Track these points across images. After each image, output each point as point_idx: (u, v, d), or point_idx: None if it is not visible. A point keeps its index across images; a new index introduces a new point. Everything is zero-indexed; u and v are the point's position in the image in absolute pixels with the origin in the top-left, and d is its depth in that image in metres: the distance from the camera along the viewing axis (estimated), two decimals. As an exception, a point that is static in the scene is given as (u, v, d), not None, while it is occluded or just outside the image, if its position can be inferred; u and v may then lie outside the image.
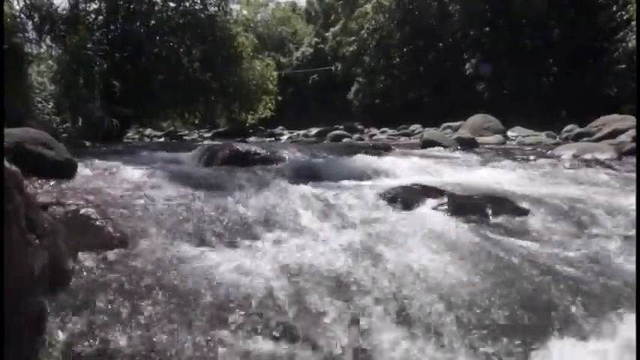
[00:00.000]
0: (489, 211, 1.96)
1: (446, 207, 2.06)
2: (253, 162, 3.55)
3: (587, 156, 4.05)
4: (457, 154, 4.60)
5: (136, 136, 17.94)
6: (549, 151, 4.71)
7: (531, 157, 4.08)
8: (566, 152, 4.38)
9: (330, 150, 4.83)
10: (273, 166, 3.47)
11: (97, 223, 1.72)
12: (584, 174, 2.89)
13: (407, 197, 2.16)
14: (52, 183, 2.21)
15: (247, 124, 18.59)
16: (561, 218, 2.01)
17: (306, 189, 2.38)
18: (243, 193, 2.35)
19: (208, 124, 22.97)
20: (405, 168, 3.11)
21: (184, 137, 20.56)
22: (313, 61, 37.50)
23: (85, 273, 1.42)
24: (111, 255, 1.52)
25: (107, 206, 1.97)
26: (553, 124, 17.43)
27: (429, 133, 6.11)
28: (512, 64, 20.55)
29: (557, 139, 8.00)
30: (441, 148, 5.49)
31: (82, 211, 1.78)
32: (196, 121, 20.37)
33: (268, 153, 3.70)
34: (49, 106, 7.32)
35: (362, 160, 3.41)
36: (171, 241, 1.78)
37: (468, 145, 6.15)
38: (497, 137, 7.36)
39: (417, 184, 2.21)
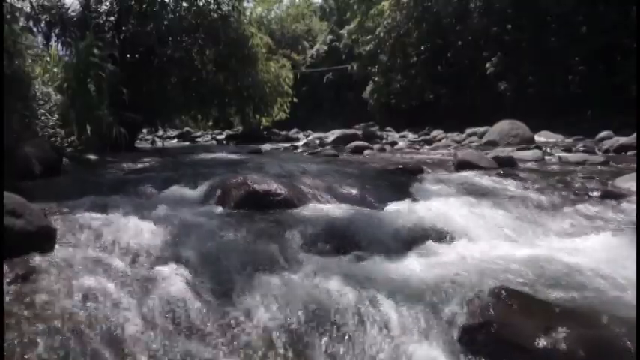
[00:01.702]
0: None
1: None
2: (272, 205, 3.05)
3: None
4: (502, 183, 4.01)
5: (148, 138, 17.62)
6: (609, 182, 4.09)
7: (594, 194, 3.49)
8: (631, 185, 3.77)
9: (356, 178, 4.27)
10: (294, 212, 2.95)
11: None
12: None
13: (492, 329, 1.37)
14: (14, 272, 1.71)
15: (261, 126, 18.23)
16: None
17: (335, 284, 1.77)
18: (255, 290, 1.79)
19: (222, 124, 22.60)
20: (463, 223, 2.51)
21: (197, 139, 20.23)
22: (328, 59, 37.07)
23: None
24: None
25: (85, 328, 1.45)
26: (580, 125, 16.72)
27: (463, 153, 5.54)
28: (535, 62, 19.81)
29: (599, 153, 7.34)
30: (479, 172, 4.91)
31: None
32: (209, 123, 20.04)
33: (288, 193, 3.18)
34: (54, 118, 6.92)
35: (403, 207, 2.83)
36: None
37: (506, 164, 5.57)
38: (534, 153, 6.75)
39: (504, 290, 1.59)
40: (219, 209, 3.04)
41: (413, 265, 1.97)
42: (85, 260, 1.93)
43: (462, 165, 5.30)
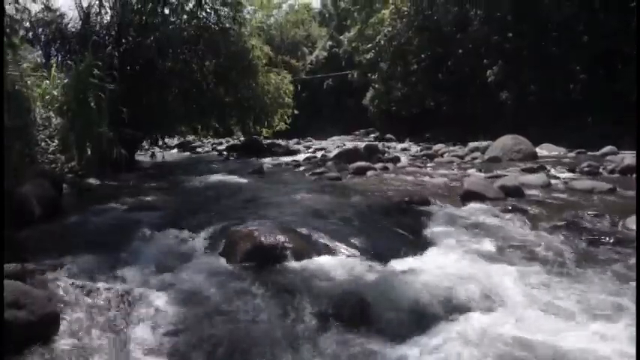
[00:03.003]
0: None
1: None
2: (280, 258, 2.97)
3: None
4: (512, 225, 3.94)
5: (150, 151, 17.55)
6: (620, 222, 4.03)
7: (608, 239, 3.41)
8: (646, 228, 3.69)
9: (363, 215, 4.20)
10: (302, 267, 2.87)
11: None
12: None
13: None
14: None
15: (262, 137, 18.22)
16: None
17: None
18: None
19: (223, 131, 22.55)
20: (482, 290, 2.40)
21: (197, 149, 20.17)
22: (327, 65, 37.12)
23: None
24: None
25: None
26: (580, 133, 16.71)
27: (469, 182, 5.48)
28: (536, 69, 19.81)
29: (606, 175, 7.29)
30: (486, 204, 4.86)
31: None
32: (210, 133, 19.97)
33: (295, 244, 3.11)
34: (54, 144, 6.85)
35: (419, 272, 2.70)
36: None
37: (513, 194, 5.50)
38: (540, 177, 6.68)
39: None
40: (226, 263, 2.96)
41: (436, 349, 1.88)
42: (87, 349, 1.85)
43: (468, 196, 5.23)
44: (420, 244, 3.29)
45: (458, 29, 22.40)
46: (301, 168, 9.58)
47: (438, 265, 2.71)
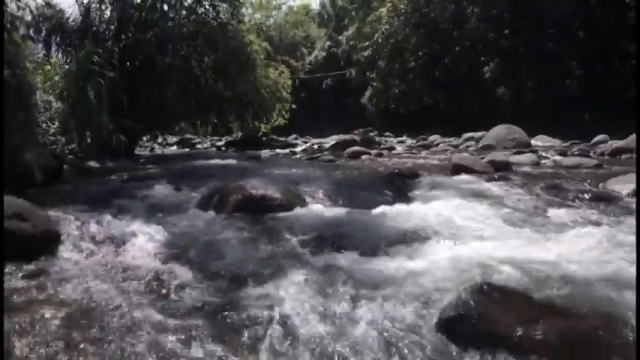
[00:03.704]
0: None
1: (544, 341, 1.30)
2: (268, 209, 3.11)
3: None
4: (496, 188, 4.08)
5: (148, 144, 17.73)
6: (600, 184, 4.16)
7: (585, 196, 3.55)
8: (624, 186, 3.83)
9: (352, 182, 4.35)
10: (290, 214, 3.02)
11: None
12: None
13: (475, 322, 1.44)
14: (19, 273, 1.78)
15: (260, 132, 18.36)
16: None
17: (327, 282, 1.83)
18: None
19: (222, 128, 22.72)
20: (454, 226, 2.57)
21: (197, 145, 20.33)
22: (326, 65, 37.25)
23: None
24: None
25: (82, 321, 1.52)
26: (577, 129, 16.79)
27: (458, 157, 5.61)
28: (533, 66, 19.93)
29: (594, 156, 7.41)
30: (474, 176, 4.98)
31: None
32: (209, 129, 20.14)
33: (284, 197, 3.25)
34: (55, 126, 7.00)
35: (396, 211, 2.90)
36: None
37: (501, 168, 5.63)
38: (530, 156, 6.82)
39: (486, 286, 1.66)
40: (217, 214, 3.11)
41: (403, 264, 2.04)
42: (87, 262, 1.99)
43: (458, 169, 5.37)
44: (401, 200, 3.44)
45: (455, 26, 22.59)
46: (297, 155, 9.74)
47: (414, 210, 2.86)
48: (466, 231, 2.50)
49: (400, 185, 4.21)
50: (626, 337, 1.35)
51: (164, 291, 1.80)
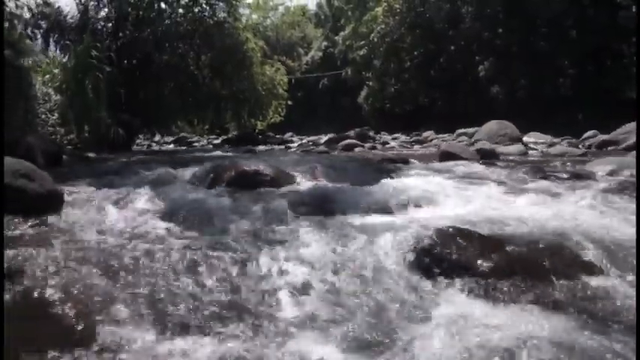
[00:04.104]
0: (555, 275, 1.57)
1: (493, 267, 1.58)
2: (260, 183, 3.28)
3: (626, 172, 3.69)
4: (480, 168, 4.26)
5: (145, 143, 17.86)
6: (579, 166, 4.34)
7: (564, 175, 3.73)
8: (602, 168, 4.01)
9: (343, 165, 4.52)
10: (281, 188, 3.19)
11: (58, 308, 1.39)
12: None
13: (441, 252, 1.70)
14: (29, 223, 1.95)
15: (256, 130, 18.49)
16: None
17: (313, 235, 2.02)
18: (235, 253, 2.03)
19: (218, 129, 22.86)
20: (428, 191, 2.77)
21: (194, 144, 20.44)
22: (323, 65, 37.35)
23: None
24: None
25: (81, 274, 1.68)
26: (570, 127, 16.96)
27: (447, 144, 5.80)
28: (526, 64, 20.12)
29: (582, 149, 7.60)
30: (461, 162, 5.16)
31: (47, 289, 1.48)
32: (206, 127, 20.27)
33: (275, 173, 3.42)
34: (54, 117, 7.15)
35: (379, 182, 3.08)
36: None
37: (488, 156, 5.82)
38: (518, 147, 7.01)
39: (452, 228, 1.86)
40: (212, 188, 3.27)
41: (384, 220, 2.23)
42: (88, 219, 2.15)
43: (445, 155, 5.55)
44: (388, 178, 3.60)
45: (450, 26, 22.82)
46: (293, 149, 9.90)
47: (397, 185, 3.05)
48: (442, 197, 2.68)
49: (388, 168, 4.39)
50: (565, 259, 1.56)
51: (159, 239, 1.96)
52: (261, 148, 11.99)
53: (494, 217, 2.15)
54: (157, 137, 20.69)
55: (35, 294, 1.44)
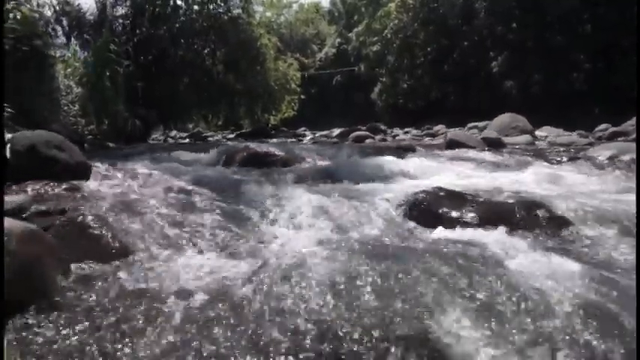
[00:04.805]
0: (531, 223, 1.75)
1: (471, 216, 1.83)
2: (270, 163, 3.48)
3: (627, 157, 3.79)
4: (483, 154, 4.40)
5: (161, 138, 18.25)
6: (582, 152, 4.45)
7: (564, 159, 3.85)
8: (603, 153, 4.11)
9: (351, 150, 4.70)
10: (290, 167, 3.39)
11: (98, 232, 1.66)
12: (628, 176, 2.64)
13: (429, 205, 1.96)
14: (63, 187, 2.17)
15: (270, 125, 18.73)
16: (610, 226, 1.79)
17: (319, 196, 2.25)
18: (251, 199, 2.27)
19: (232, 126, 23.19)
20: (427, 168, 2.95)
21: (208, 139, 20.77)
22: (336, 62, 37.39)
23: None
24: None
25: (114, 213, 1.91)
26: (585, 122, 16.77)
27: (454, 133, 5.92)
28: (541, 59, 19.95)
29: (590, 139, 7.65)
30: (467, 149, 5.29)
31: (87, 218, 1.73)
32: (219, 123, 20.58)
33: (285, 154, 3.62)
34: (75, 109, 7.47)
35: (382, 160, 3.27)
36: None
37: (494, 145, 5.93)
38: (526, 137, 7.09)
39: (440, 189, 2.06)
40: (226, 167, 3.49)
41: (383, 186, 2.43)
42: (114, 183, 2.39)
43: (452, 144, 5.68)
44: (391, 158, 3.78)
45: (463, 21, 22.76)
46: (305, 141, 10.09)
47: (400, 162, 3.23)
48: (438, 171, 2.86)
49: (395, 153, 4.55)
50: (532, 212, 1.76)
51: (179, 202, 2.18)
52: (274, 140, 12.23)
53: (485, 185, 2.33)
54: (173, 132, 21.11)
55: (75, 221, 1.70)
